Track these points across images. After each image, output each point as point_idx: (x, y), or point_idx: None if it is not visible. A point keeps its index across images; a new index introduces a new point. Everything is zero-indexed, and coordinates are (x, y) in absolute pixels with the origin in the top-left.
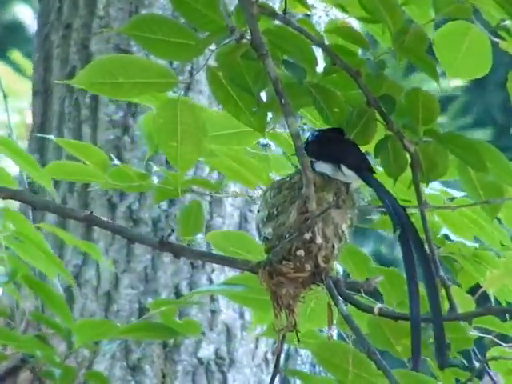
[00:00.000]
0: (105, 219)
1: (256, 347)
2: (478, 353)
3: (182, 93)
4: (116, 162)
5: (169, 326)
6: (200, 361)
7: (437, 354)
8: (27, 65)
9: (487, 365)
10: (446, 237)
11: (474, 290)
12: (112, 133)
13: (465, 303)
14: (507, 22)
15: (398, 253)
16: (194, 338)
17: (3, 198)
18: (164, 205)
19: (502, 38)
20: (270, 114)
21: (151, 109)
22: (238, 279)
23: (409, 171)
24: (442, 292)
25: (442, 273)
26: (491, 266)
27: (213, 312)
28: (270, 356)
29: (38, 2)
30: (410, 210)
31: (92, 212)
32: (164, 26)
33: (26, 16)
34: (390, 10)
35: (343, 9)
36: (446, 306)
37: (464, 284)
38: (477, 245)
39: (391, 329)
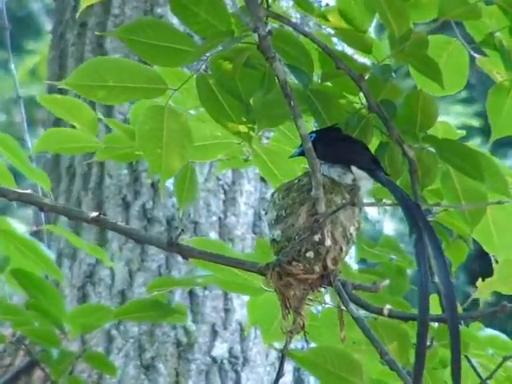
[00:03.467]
0: (113, 221)
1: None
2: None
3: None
4: (101, 117)
5: (161, 304)
6: (214, 360)
7: (452, 359)
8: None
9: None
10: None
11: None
12: None
13: None
14: (498, 34)
15: None
16: (208, 337)
17: (10, 200)
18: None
19: (483, 54)
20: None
21: None
22: None
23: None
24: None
25: (436, 279)
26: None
27: (226, 311)
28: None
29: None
30: None
31: (100, 214)
32: (159, 30)
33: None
34: (395, 13)
35: (325, 19)
36: (438, 311)
37: (455, 260)
38: None
39: (389, 333)
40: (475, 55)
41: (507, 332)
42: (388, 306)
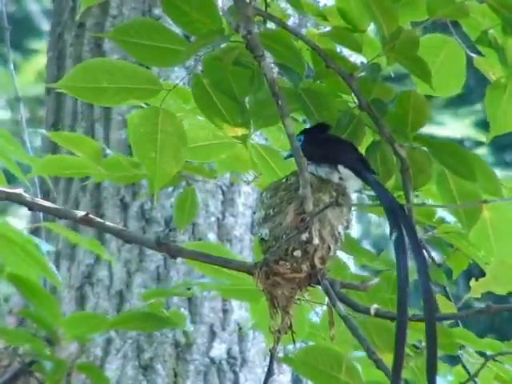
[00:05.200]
0: (101, 220)
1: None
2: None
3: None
4: (108, 151)
5: (156, 315)
6: (212, 360)
7: (428, 356)
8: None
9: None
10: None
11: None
12: (125, 132)
13: (447, 310)
14: (491, 31)
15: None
16: (206, 338)
17: None
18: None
19: (480, 53)
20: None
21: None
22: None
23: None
24: None
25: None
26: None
27: (225, 311)
28: (281, 355)
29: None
30: None
31: (88, 213)
32: (152, 31)
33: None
34: (384, 12)
35: (324, 18)
36: None
37: (455, 269)
38: None
39: (378, 332)
40: (472, 55)
41: (508, 335)
42: (375, 306)
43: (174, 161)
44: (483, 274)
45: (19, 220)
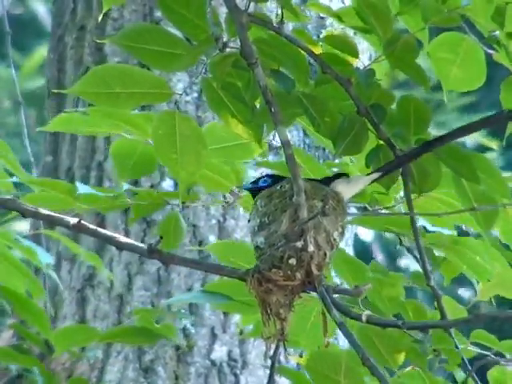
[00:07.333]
0: (93, 227)
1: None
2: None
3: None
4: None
5: (148, 330)
6: (213, 363)
7: None
8: None
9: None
10: (425, 229)
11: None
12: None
13: (456, 313)
14: (497, 33)
15: None
16: (207, 340)
17: None
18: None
19: (496, 50)
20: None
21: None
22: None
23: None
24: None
25: (432, 282)
26: (473, 251)
27: (226, 314)
28: (282, 358)
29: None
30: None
31: (80, 220)
32: (156, 35)
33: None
34: (379, 19)
35: (339, 19)
36: (437, 317)
37: (447, 276)
38: (455, 232)
39: (380, 337)
40: (490, 51)
41: (510, 336)
42: (366, 312)
43: (196, 161)
44: None
45: (25, 224)
